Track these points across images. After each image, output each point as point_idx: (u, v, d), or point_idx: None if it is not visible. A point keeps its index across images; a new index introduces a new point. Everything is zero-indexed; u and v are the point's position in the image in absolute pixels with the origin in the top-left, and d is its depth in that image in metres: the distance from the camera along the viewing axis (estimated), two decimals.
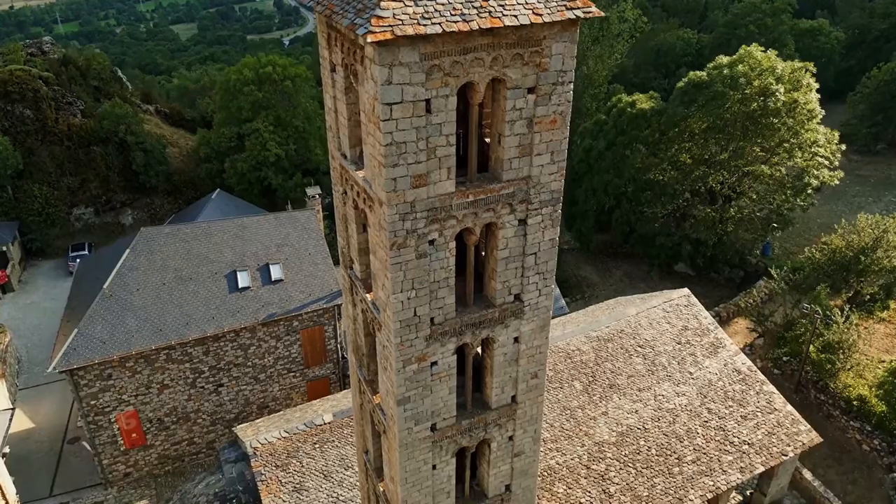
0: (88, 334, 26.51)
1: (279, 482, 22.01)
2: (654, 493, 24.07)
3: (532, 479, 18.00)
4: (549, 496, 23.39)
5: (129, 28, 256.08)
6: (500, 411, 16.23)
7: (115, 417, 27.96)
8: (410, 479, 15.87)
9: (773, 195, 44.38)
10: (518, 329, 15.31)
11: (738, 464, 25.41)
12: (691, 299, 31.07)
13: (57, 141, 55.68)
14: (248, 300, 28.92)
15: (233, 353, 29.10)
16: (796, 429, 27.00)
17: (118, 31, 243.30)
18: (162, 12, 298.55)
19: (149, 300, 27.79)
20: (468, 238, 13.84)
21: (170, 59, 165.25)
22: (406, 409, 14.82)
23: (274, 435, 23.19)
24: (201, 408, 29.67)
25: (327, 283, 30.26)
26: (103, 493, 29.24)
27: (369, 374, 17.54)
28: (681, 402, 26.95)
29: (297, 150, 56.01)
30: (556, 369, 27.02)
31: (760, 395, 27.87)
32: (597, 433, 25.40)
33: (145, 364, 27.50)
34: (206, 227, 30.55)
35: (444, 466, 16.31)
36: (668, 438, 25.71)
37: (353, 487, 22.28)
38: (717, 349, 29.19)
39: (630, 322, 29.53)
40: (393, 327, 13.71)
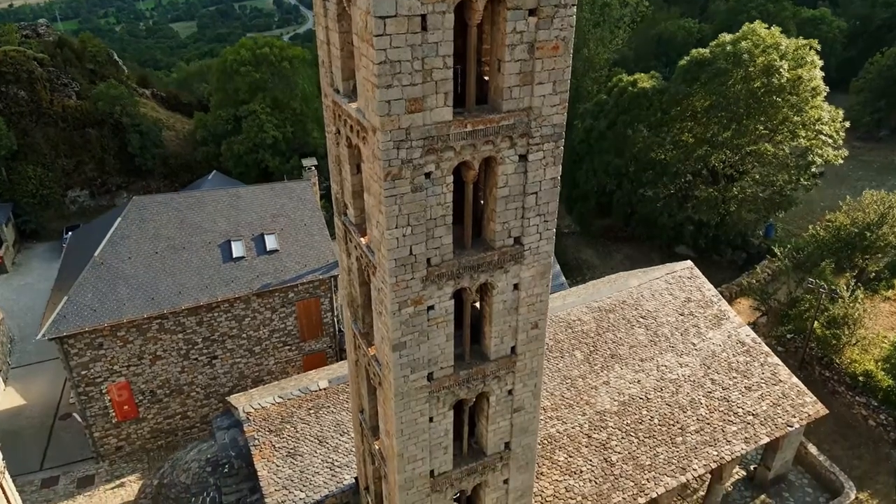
0: (79, 302, 25.94)
1: (272, 447, 21.44)
2: (657, 462, 23.51)
3: (532, 438, 17.45)
4: (550, 464, 22.83)
5: (128, 26, 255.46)
6: (499, 363, 15.68)
7: (107, 388, 27.39)
8: (406, 432, 15.32)
9: (776, 174, 43.79)
10: (518, 275, 14.75)
11: (743, 434, 24.86)
12: (694, 271, 30.50)
13: (52, 122, 55.07)
14: (243, 270, 28.34)
15: (227, 324, 28.52)
16: (801, 400, 26.45)
17: (118, 30, 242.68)
18: (162, 10, 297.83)
19: (141, 269, 27.20)
20: (466, 174, 13.28)
21: (169, 55, 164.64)
22: (402, 356, 14.26)
23: (268, 400, 22.63)
24: (195, 380, 29.10)
25: (323, 254, 29.67)
26: (94, 466, 28.68)
27: (364, 327, 16.98)
28: (684, 373, 26.40)
29: (294, 132, 55.39)
30: (556, 339, 26.46)
31: (765, 366, 27.31)
32: (598, 402, 24.85)
33: (137, 334, 26.93)
34: (199, 197, 29.97)
35: (442, 420, 15.76)
36: (671, 408, 25.15)
37: (349, 453, 21.73)
38: (720, 321, 28.63)
39: (632, 293, 28.96)
40: (388, 266, 13.15)
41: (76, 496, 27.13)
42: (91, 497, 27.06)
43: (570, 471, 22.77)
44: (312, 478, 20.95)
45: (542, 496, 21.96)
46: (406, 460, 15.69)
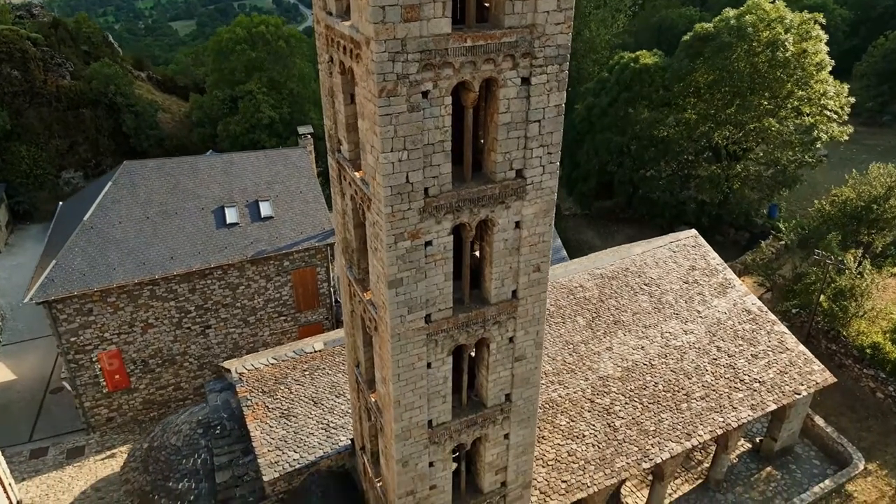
0: (67, 266, 25.23)
1: (266, 408, 20.79)
2: (662, 427, 22.88)
3: (534, 390, 16.80)
4: (552, 428, 22.20)
5: (127, 24, 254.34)
6: (499, 307, 15.02)
7: (97, 356, 26.68)
8: (404, 377, 14.67)
9: (780, 151, 43.09)
10: (520, 212, 14.09)
11: (749, 401, 24.23)
12: (699, 240, 29.87)
13: (45, 102, 54.27)
14: (237, 236, 27.63)
15: (220, 292, 27.82)
16: (809, 368, 25.83)
17: (116, 28, 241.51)
18: (161, 9, 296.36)
19: (131, 234, 26.47)
20: (466, 98, 12.60)
21: (168, 52, 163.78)
22: (398, 293, 13.60)
23: (261, 362, 21.98)
24: (188, 350, 28.40)
25: (319, 221, 28.97)
26: (85, 437, 27.97)
27: (359, 273, 16.32)
28: (688, 340, 25.76)
29: (291, 113, 54.63)
30: (557, 304, 25.82)
31: (771, 334, 26.69)
32: (601, 368, 24.21)
33: (128, 300, 26.22)
34: (192, 162, 29.25)
35: (440, 366, 15.11)
36: (675, 375, 24.52)
37: (345, 415, 21.08)
38: (725, 289, 28.00)
39: (635, 261, 28.32)
40: (383, 195, 12.48)
41: (65, 467, 26.43)
42: (81, 468, 26.37)
43: (572, 435, 22.14)
44: (307, 439, 20.30)
45: (543, 459, 21.32)
46: (403, 408, 15.04)
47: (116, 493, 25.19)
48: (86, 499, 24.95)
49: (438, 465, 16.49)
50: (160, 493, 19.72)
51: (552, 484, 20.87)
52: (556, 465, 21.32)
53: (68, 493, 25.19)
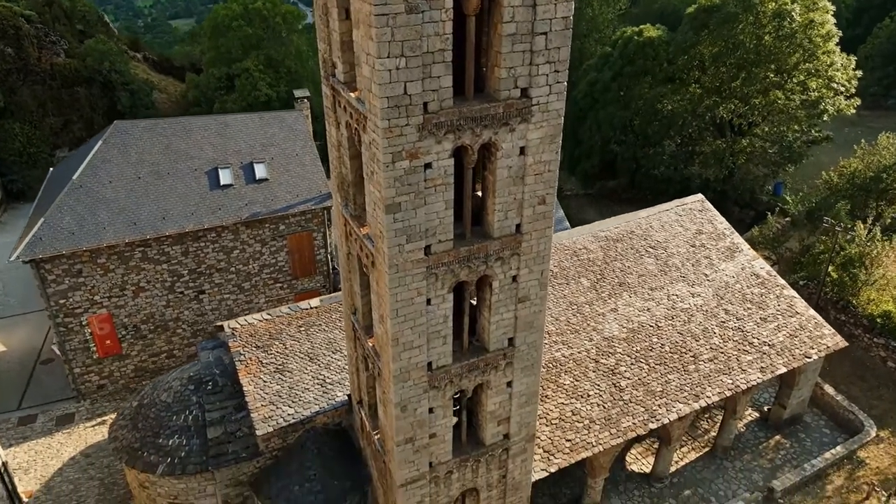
0: (55, 225, 24.44)
1: (259, 363, 20.05)
2: (669, 388, 22.15)
3: (538, 335, 16.07)
4: (555, 387, 21.47)
5: (126, 23, 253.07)
6: (503, 241, 14.28)
7: (87, 320, 25.91)
8: (402, 313, 13.93)
9: (786, 125, 42.33)
10: (524, 136, 13.34)
11: (759, 364, 23.50)
12: (705, 204, 29.11)
13: (39, 80, 53.37)
14: (231, 198, 26.85)
15: (214, 256, 27.04)
16: (820, 332, 25.10)
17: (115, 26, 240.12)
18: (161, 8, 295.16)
19: (122, 193, 25.67)
20: (467, 4, 11.84)
21: (167, 49, 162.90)
22: (396, 220, 12.85)
23: (255, 317, 21.24)
24: (181, 316, 27.63)
25: (316, 184, 28.18)
26: (75, 405, 27.20)
27: (356, 209, 15.58)
28: (696, 303, 25.02)
29: (288, 91, 53.71)
30: (561, 266, 25.07)
31: (781, 298, 25.95)
32: (606, 329, 23.48)
33: (119, 261, 25.45)
34: (185, 123, 28.43)
35: (441, 303, 14.37)
36: (682, 337, 23.79)
37: (342, 371, 20.34)
38: (733, 253, 27.26)
39: (640, 224, 27.57)
40: (379, 107, 11.72)
41: (54, 433, 25.69)
42: (70, 434, 25.64)
43: (576, 394, 21.41)
44: (302, 394, 19.57)
45: (547, 418, 20.60)
46: (402, 347, 14.31)
47: (106, 459, 24.50)
48: (75, 464, 24.24)
49: (438, 412, 15.77)
50: (149, 449, 18.97)
51: (556, 443, 20.14)
52: (560, 424, 20.59)
53: (57, 459, 24.47)
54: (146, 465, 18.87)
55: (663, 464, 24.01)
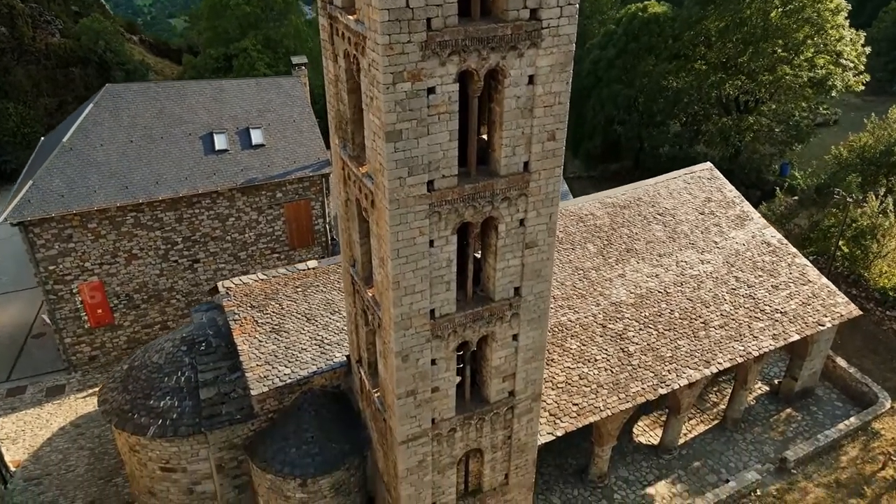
0: (45, 187, 23.65)
1: (255, 322, 19.28)
2: (679, 354, 21.40)
3: (545, 286, 15.31)
4: (561, 351, 20.72)
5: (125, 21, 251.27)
6: (509, 180, 13.51)
7: (78, 288, 25.12)
8: (404, 253, 13.17)
9: (793, 102, 41.52)
10: (534, 63, 12.56)
11: (771, 331, 22.76)
12: (714, 172, 28.36)
13: (34, 60, 52.61)
14: (226, 163, 26.05)
15: (209, 223, 26.24)
16: (833, 300, 24.36)
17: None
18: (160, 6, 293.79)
19: (114, 156, 24.86)
20: None
21: None
22: (397, 149, 12.08)
23: (250, 278, 20.46)
24: (175, 286, 26.85)
25: (314, 151, 27.38)
26: (66, 376, 26.43)
27: (354, 149, 14.80)
28: (705, 270, 24.27)
29: (287, 71, 52.87)
30: (567, 231, 24.32)
31: (793, 266, 25.20)
32: (613, 294, 22.72)
33: (110, 227, 24.64)
34: (179, 87, 27.61)
35: (444, 245, 13.61)
36: (692, 303, 23.03)
37: (341, 332, 19.58)
38: (743, 221, 26.50)
39: (648, 191, 26.82)
40: (379, 21, 10.93)
41: (44, 404, 24.91)
42: (60, 405, 24.88)
43: (583, 359, 20.66)
44: (299, 354, 18.80)
45: (553, 382, 19.85)
46: (403, 290, 13.54)
47: (98, 429, 23.76)
48: (64, 434, 23.49)
49: (441, 365, 15.02)
50: (140, 411, 18.21)
51: (562, 407, 19.40)
52: (567, 388, 19.85)
53: (46, 429, 23.73)
54: (136, 428, 18.11)
55: (672, 434, 23.28)
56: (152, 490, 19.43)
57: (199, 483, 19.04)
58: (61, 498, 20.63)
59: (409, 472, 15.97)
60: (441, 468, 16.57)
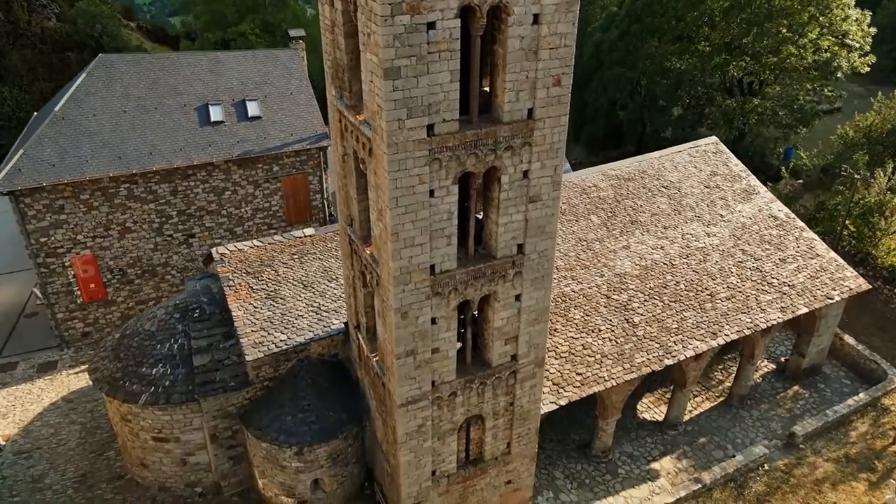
0: (36, 156, 23.08)
1: (250, 288, 18.75)
2: (685, 326, 20.88)
3: (550, 243, 14.78)
4: (565, 321, 20.20)
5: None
6: (513, 127, 12.98)
7: (70, 261, 24.57)
8: (403, 202, 12.64)
9: (798, 84, 40.94)
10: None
11: (779, 304, 22.23)
12: (720, 146, 27.82)
13: (29, 44, 52.09)
14: (222, 135, 25.51)
15: (205, 196, 25.69)
16: (842, 274, 23.82)
17: None
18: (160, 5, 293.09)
19: (106, 126, 24.30)
20: None
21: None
22: (396, 88, 11.54)
23: (245, 244, 19.93)
24: (170, 261, 26.29)
25: (311, 124, 26.83)
26: (58, 353, 25.90)
27: (351, 98, 14.27)
28: (711, 242, 23.74)
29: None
30: (570, 203, 23.78)
31: (800, 240, 24.67)
32: (617, 265, 22.20)
33: (103, 198, 24.09)
34: (174, 59, 27.03)
35: (445, 196, 13.08)
36: (698, 275, 22.51)
37: (338, 299, 19.05)
38: (750, 195, 25.97)
39: (653, 164, 26.28)
40: None
41: (35, 380, 24.36)
42: (52, 381, 24.34)
43: (587, 329, 20.14)
44: (295, 321, 18.28)
45: (556, 352, 19.33)
46: (402, 242, 13.01)
47: (90, 404, 23.23)
48: (56, 409, 22.96)
49: (442, 324, 14.49)
50: (131, 379, 17.68)
51: (566, 376, 18.88)
52: (571, 358, 19.32)
53: (37, 404, 23.19)
54: (128, 395, 17.59)
55: (677, 410, 22.76)
56: (144, 462, 18.92)
57: (193, 454, 18.53)
58: (51, 471, 20.10)
59: (408, 436, 15.45)
60: (441, 434, 16.05)
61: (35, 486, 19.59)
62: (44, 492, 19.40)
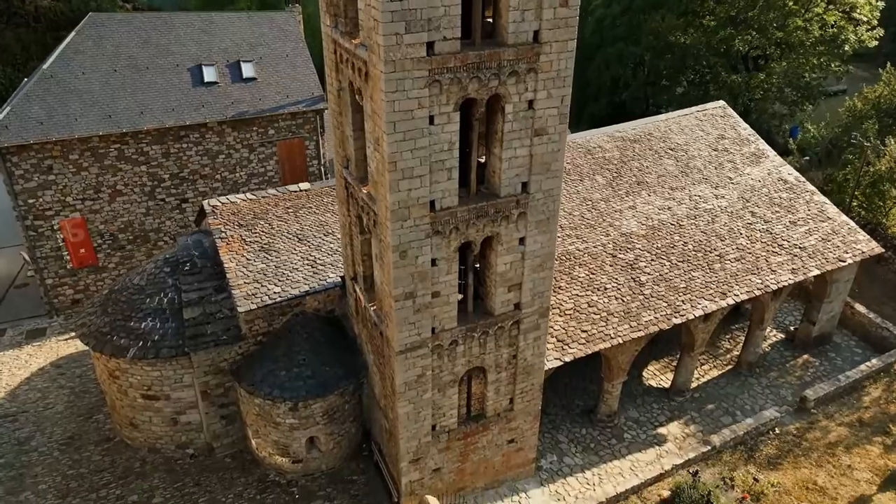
0: (23, 114, 22.36)
1: (243, 241, 18.05)
2: (694, 285, 20.19)
3: (556, 182, 14.09)
4: (569, 279, 19.50)
5: None
6: (518, 50, 12.26)
7: (59, 224, 23.84)
8: (401, 129, 11.94)
9: (805, 59, 40.16)
10: None
11: (790, 265, 21.55)
12: (728, 111, 27.10)
13: (23, 23, 51.48)
14: (216, 96, 24.77)
15: (198, 160, 24.97)
16: (854, 237, 23.13)
17: None
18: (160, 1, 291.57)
19: (96, 85, 23.55)
20: None
21: None
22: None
23: (238, 197, 19.22)
24: (162, 227, 25.57)
25: (308, 86, 26.11)
26: (48, 320, 25.24)
27: (347, 24, 13.54)
28: (720, 204, 23.04)
29: None
30: (574, 163, 23.09)
31: (811, 203, 23.99)
32: (623, 225, 21.50)
33: (93, 159, 23.38)
34: (166, 18, 26.26)
35: (445, 124, 12.38)
36: (706, 236, 21.82)
37: (335, 253, 18.36)
38: (759, 158, 25.27)
39: (659, 126, 25.59)
40: None
41: (23, 346, 23.68)
42: (41, 347, 23.65)
43: (592, 287, 19.45)
44: (290, 274, 17.58)
45: (560, 309, 18.64)
46: (401, 173, 12.32)
47: (79, 370, 22.55)
48: (44, 374, 22.28)
49: (442, 266, 13.80)
50: (119, 333, 16.98)
51: (571, 333, 18.18)
52: (575, 316, 18.63)
53: (25, 370, 22.51)
54: (115, 349, 16.89)
55: (685, 374, 22.08)
56: (134, 422, 18.24)
57: (184, 413, 17.85)
58: (38, 433, 19.42)
59: (407, 386, 14.77)
60: (442, 386, 15.37)
61: (20, 449, 18.91)
62: (29, 454, 18.72)
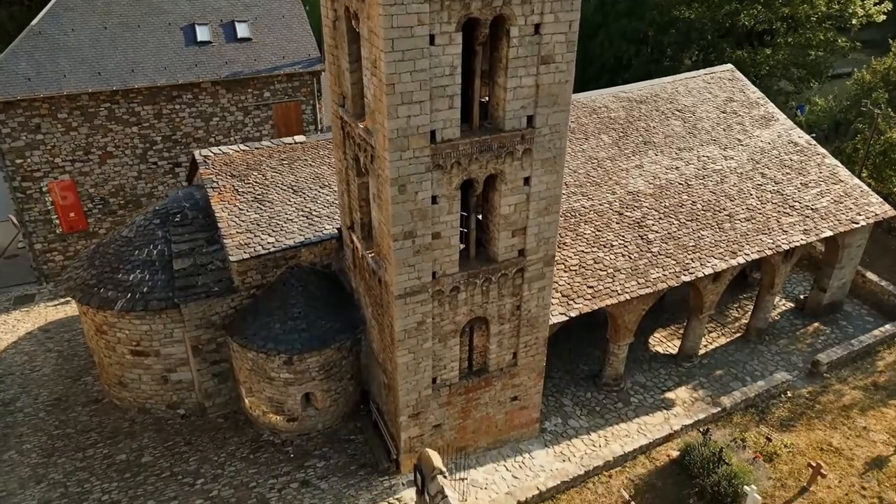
0: (10, 70, 21.68)
1: (235, 191, 17.35)
2: (703, 244, 19.53)
3: (563, 116, 13.39)
4: (575, 236, 18.83)
5: None
6: None
7: (48, 186, 23.17)
8: (399, 47, 11.23)
9: (811, 34, 39.44)
10: None
11: (801, 226, 20.89)
12: (736, 74, 26.40)
13: (17, 2, 50.72)
14: (209, 56, 24.05)
15: (191, 122, 24.27)
16: (867, 200, 22.48)
17: None
18: None
19: (86, 42, 22.84)
20: None
21: None
22: None
23: (231, 148, 18.51)
24: (154, 192, 24.87)
25: (304, 48, 25.38)
26: (37, 287, 24.54)
27: None
28: (729, 165, 22.36)
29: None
30: (579, 122, 22.40)
31: (822, 166, 23.31)
32: (630, 184, 20.82)
33: (82, 118, 22.67)
34: None
35: (447, 46, 11.67)
36: (715, 196, 21.14)
37: (331, 205, 17.66)
38: (768, 121, 24.59)
39: (665, 88, 24.88)
40: None
41: (11, 311, 23.01)
42: (28, 312, 22.97)
43: (598, 244, 18.78)
44: (284, 224, 16.89)
45: (565, 265, 17.97)
46: (399, 97, 11.62)
47: (67, 334, 21.87)
48: (31, 338, 21.60)
49: (444, 205, 13.12)
50: (106, 285, 16.31)
51: (576, 288, 17.51)
52: (581, 272, 17.96)
53: (12, 334, 21.83)
54: (103, 302, 16.21)
55: (693, 339, 21.42)
56: (122, 380, 17.57)
57: (175, 370, 17.18)
58: (24, 395, 18.75)
59: (406, 334, 14.09)
60: (443, 336, 14.69)
61: (5, 410, 18.23)
62: (14, 414, 18.05)
